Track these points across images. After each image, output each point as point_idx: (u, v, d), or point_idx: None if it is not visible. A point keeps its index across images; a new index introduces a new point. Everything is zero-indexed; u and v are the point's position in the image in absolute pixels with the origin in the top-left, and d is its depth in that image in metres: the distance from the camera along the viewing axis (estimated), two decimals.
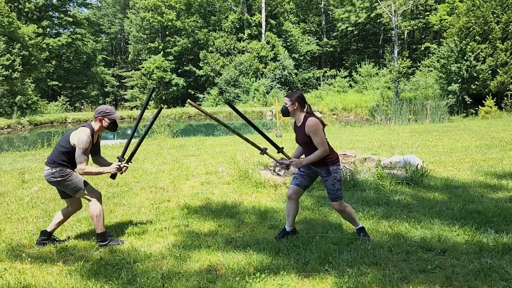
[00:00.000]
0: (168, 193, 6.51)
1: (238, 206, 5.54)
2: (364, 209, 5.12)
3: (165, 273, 3.60)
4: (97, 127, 4.22)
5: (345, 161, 8.11)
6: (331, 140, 11.92)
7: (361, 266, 3.57)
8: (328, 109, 28.71)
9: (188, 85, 40.06)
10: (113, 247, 4.24)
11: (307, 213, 5.15)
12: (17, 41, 26.08)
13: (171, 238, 4.48)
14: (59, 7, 39.14)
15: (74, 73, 39.53)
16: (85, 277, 3.60)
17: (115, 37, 55.46)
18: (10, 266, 3.87)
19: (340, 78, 36.04)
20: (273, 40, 37.71)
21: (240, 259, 3.83)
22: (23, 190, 6.97)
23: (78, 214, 5.43)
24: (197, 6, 41.33)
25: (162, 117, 15.82)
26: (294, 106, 3.99)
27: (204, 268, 3.72)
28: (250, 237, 4.40)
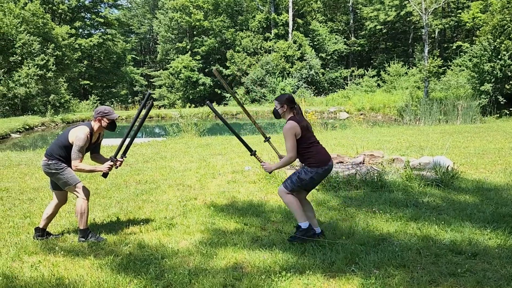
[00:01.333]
0: (195, 191, 6.60)
1: (264, 205, 5.56)
2: (392, 211, 5.05)
3: (192, 270, 3.66)
4: (97, 127, 4.37)
5: (372, 162, 8.02)
6: (358, 141, 11.81)
7: (388, 268, 3.53)
8: (356, 109, 28.38)
9: (214, 84, 40.38)
10: (142, 242, 4.34)
11: (333, 214, 5.12)
12: (51, 41, 26.94)
13: (197, 235, 4.55)
14: (91, 8, 40.22)
15: (104, 72, 40.55)
16: (115, 271, 3.70)
17: (144, 37, 56.53)
18: (44, 259, 4.02)
19: (368, 77, 35.53)
20: (300, 40, 37.53)
21: (266, 257, 3.85)
22: None
23: (108, 210, 5.60)
24: (224, 6, 41.61)
25: (189, 116, 16.01)
26: (283, 109, 4.10)
27: (230, 265, 3.75)
28: (276, 236, 4.41)
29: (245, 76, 37.30)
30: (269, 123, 26.21)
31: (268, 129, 22.18)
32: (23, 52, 24.89)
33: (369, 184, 6.06)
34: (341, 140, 11.96)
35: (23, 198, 6.38)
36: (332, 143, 11.24)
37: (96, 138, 4.51)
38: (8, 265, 3.87)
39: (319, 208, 5.35)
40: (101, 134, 4.60)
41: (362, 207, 5.24)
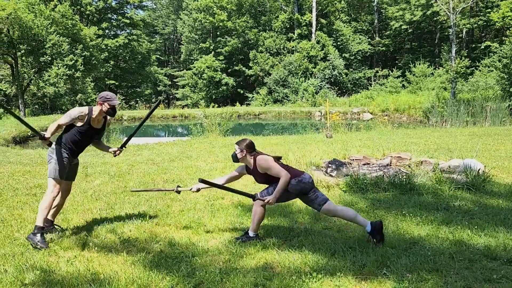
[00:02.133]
0: (221, 190, 6.64)
1: (291, 206, 5.57)
2: (422, 214, 4.97)
3: (223, 268, 3.70)
4: (98, 110, 4.43)
5: (400, 164, 7.91)
6: (383, 142, 11.66)
7: (421, 272, 3.48)
8: (379, 110, 28.00)
9: (237, 84, 40.56)
10: (173, 240, 4.41)
11: (362, 215, 5.06)
12: (80, 42, 27.61)
13: (226, 235, 4.59)
14: (117, 10, 41.02)
15: (129, 72, 41.27)
16: (147, 268, 3.78)
17: (168, 37, 57.23)
18: (79, 254, 4.13)
19: (393, 78, 35.03)
20: (323, 40, 37.31)
21: (296, 258, 3.86)
22: (86, 183, 7.38)
23: (138, 208, 5.71)
24: (247, 7, 41.74)
25: (213, 116, 16.14)
26: (242, 154, 4.28)
27: (260, 265, 3.78)
28: (305, 237, 4.41)
29: (267, 77, 37.32)
30: (291, 123, 26.17)
31: (290, 129, 22.14)
32: (53, 52, 25.58)
33: (397, 187, 5.99)
34: (366, 141, 11.84)
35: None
36: (357, 144, 11.14)
37: (102, 124, 4.59)
38: (45, 260, 4.00)
39: None
40: (107, 122, 4.68)
41: (391, 210, 5.19)
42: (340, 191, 6.20)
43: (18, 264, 3.90)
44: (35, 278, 3.61)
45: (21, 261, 3.97)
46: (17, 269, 3.77)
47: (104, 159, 9.86)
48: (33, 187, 7.09)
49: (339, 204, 5.55)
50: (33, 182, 7.43)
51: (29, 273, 3.69)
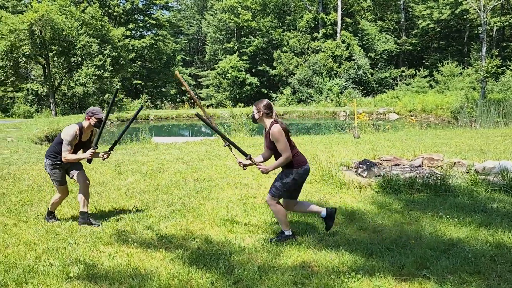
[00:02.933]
0: (252, 189, 6.70)
1: (324, 206, 5.54)
2: (459, 216, 4.89)
3: (261, 266, 3.74)
4: (87, 125, 4.90)
5: (432, 165, 7.78)
6: (412, 143, 11.50)
7: (462, 274, 3.44)
8: (406, 110, 27.53)
9: (261, 84, 40.61)
10: (209, 238, 4.49)
11: (396, 216, 5.03)
12: (108, 43, 28.23)
13: (261, 233, 4.63)
14: (143, 11, 41.73)
15: (155, 72, 41.90)
16: (186, 264, 3.85)
17: (193, 38, 57.79)
18: (119, 250, 4.25)
19: (420, 77, 34.37)
20: (349, 39, 36.96)
21: (333, 257, 3.86)
22: (119, 181, 7.56)
23: (172, 206, 5.81)
24: (272, 6, 41.73)
25: (239, 115, 16.22)
26: (259, 114, 4.28)
27: (297, 264, 3.80)
28: (340, 237, 4.41)
29: (291, 77, 37.24)
30: (315, 123, 26.06)
31: (314, 129, 22.06)
32: (83, 53, 26.24)
33: (432, 188, 5.90)
34: (394, 142, 11.69)
35: (91, 192, 6.69)
36: (386, 145, 11.01)
37: (89, 136, 5.07)
38: (87, 254, 4.14)
39: (381, 210, 5.29)
40: (93, 132, 5.11)
41: (427, 211, 5.12)
42: (373, 191, 6.16)
43: (62, 257, 4.05)
44: (80, 271, 3.73)
45: (64, 255, 4.11)
46: (62, 263, 3.91)
47: (134, 158, 10.06)
48: (69, 184, 7.28)
49: (372, 205, 5.53)
50: (69, 179, 7.64)
51: (73, 266, 3.83)
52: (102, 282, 3.53)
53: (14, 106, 28.28)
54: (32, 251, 4.23)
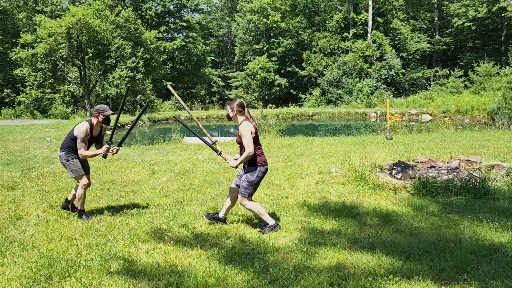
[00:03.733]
0: (284, 190, 6.71)
1: (358, 207, 5.51)
2: (500, 220, 4.74)
3: (296, 266, 3.74)
4: (95, 122, 5.23)
5: (469, 167, 7.56)
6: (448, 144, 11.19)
7: (505, 280, 3.33)
8: (440, 112, 26.81)
9: (290, 85, 40.53)
10: (243, 237, 4.53)
11: (433, 219, 4.92)
12: (141, 45, 28.85)
13: (295, 234, 4.63)
14: (175, 13, 42.43)
15: (185, 74, 42.55)
16: (222, 262, 3.90)
17: (223, 39, 58.29)
18: (156, 247, 4.35)
19: (454, 78, 33.41)
20: (380, 39, 36.37)
21: (369, 259, 3.82)
22: (154, 180, 7.72)
23: (205, 205, 5.89)
24: (301, 7, 41.59)
25: (269, 116, 16.23)
26: (233, 112, 4.66)
27: (332, 265, 3.78)
28: (376, 239, 4.35)
29: (321, 77, 36.97)
30: (344, 124, 25.76)
31: (343, 130, 21.82)
32: (117, 55, 26.93)
33: (470, 191, 5.74)
34: (429, 143, 11.42)
35: (127, 190, 6.93)
36: (420, 147, 10.77)
37: (98, 132, 5.40)
38: (126, 250, 4.25)
39: (418, 213, 5.18)
40: (103, 129, 5.46)
41: (466, 215, 4.98)
42: (408, 194, 6.04)
43: (102, 253, 4.18)
44: (119, 267, 3.84)
45: (104, 251, 4.25)
46: (102, 258, 4.03)
47: (167, 158, 10.25)
48: (105, 182, 7.52)
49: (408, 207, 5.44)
50: (105, 178, 7.88)
51: (113, 262, 3.94)
52: (141, 278, 3.62)
53: (51, 107, 29.32)
54: (74, 246, 4.39)
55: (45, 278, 3.63)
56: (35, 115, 28.80)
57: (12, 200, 6.21)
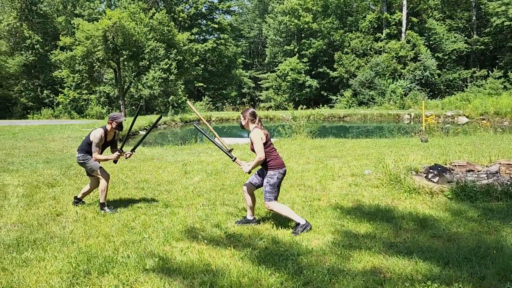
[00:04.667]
0: (317, 192, 6.65)
1: (393, 211, 5.39)
2: None
3: (330, 269, 3.70)
4: (109, 128, 5.68)
5: (510, 172, 7.26)
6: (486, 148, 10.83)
7: None
8: (477, 114, 25.90)
9: (321, 86, 40.20)
10: (276, 238, 4.52)
11: (473, 225, 4.76)
12: (174, 47, 29.37)
13: (328, 236, 4.58)
14: (206, 15, 42.94)
15: (216, 75, 42.96)
16: (255, 263, 3.90)
17: (253, 41, 58.49)
18: (190, 246, 4.40)
19: (493, 78, 32.21)
20: (414, 39, 35.53)
21: (405, 264, 3.73)
22: (186, 179, 7.83)
23: (238, 205, 5.92)
24: (333, 8, 41.19)
25: (301, 118, 16.14)
26: (245, 120, 4.90)
27: (368, 269, 3.71)
28: (412, 244, 4.24)
29: (353, 78, 36.48)
30: (377, 126, 25.32)
31: (376, 132, 21.44)
32: (151, 57, 27.52)
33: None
34: (466, 146, 11.06)
35: (160, 190, 7.05)
36: (457, 150, 10.44)
37: (112, 137, 5.82)
38: (161, 248, 4.33)
39: (456, 218, 5.02)
40: (116, 133, 5.87)
41: (508, 221, 4.78)
42: (445, 198, 5.87)
43: (138, 250, 4.27)
44: (155, 264, 3.91)
45: (140, 248, 4.34)
46: (138, 255, 4.12)
47: (199, 158, 10.37)
48: (140, 181, 7.69)
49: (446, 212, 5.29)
50: (140, 177, 8.06)
51: (148, 259, 4.02)
52: (176, 276, 3.67)
53: (88, 108, 30.30)
54: (111, 243, 4.50)
55: (84, 273, 3.74)
56: (72, 115, 29.85)
57: (53, 197, 6.44)
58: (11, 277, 3.69)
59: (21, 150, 11.36)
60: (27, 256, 4.14)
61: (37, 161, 9.63)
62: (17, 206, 5.93)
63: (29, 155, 10.54)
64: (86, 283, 3.58)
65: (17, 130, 17.38)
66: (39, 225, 5.10)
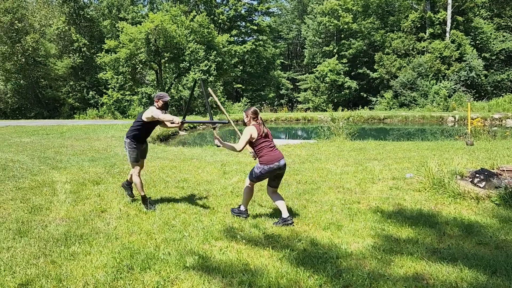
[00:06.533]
0: (356, 194, 6.55)
1: (436, 216, 5.22)
2: None
3: (370, 273, 3.64)
4: (157, 107, 5.72)
5: None
6: None
7: None
8: None
9: (360, 88, 39.52)
10: (314, 240, 4.49)
11: None
12: (213, 49, 29.80)
13: (368, 240, 4.50)
14: (246, 17, 43.24)
15: (255, 76, 43.16)
16: (293, 264, 3.90)
17: (292, 42, 58.32)
18: (229, 245, 4.45)
19: None
20: (459, 39, 34.22)
21: (450, 271, 3.61)
22: (225, 180, 7.92)
23: (273, 207, 5.92)
24: (374, 7, 40.40)
25: (339, 119, 15.95)
26: (247, 118, 5.20)
27: (409, 275, 3.62)
28: (457, 251, 4.10)
29: (394, 79, 35.60)
30: (418, 128, 24.57)
31: (418, 135, 20.80)
32: (191, 59, 28.06)
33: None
34: None
35: (200, 189, 7.17)
36: (505, 154, 9.96)
37: None
38: (200, 247, 4.40)
39: (504, 225, 4.80)
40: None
41: None
42: (493, 204, 5.62)
43: (178, 248, 4.37)
44: (195, 262, 3.99)
45: (180, 246, 4.43)
46: (178, 253, 4.21)
47: (238, 159, 10.45)
48: (180, 180, 7.85)
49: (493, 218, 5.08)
50: (180, 176, 8.22)
51: (188, 257, 4.10)
52: (215, 274, 3.73)
53: (130, 108, 31.25)
54: (153, 240, 4.63)
55: (127, 268, 3.87)
56: (115, 115, 30.88)
57: (97, 194, 6.70)
58: (59, 269, 3.87)
59: (68, 149, 11.89)
60: (74, 250, 4.33)
61: (83, 159, 10.05)
62: (65, 202, 6.21)
63: (76, 154, 11.01)
64: (130, 278, 3.70)
65: (65, 130, 18.19)
66: (85, 221, 5.32)
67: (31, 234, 4.82)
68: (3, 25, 31.78)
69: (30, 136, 15.51)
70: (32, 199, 6.41)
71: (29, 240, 4.62)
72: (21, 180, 7.69)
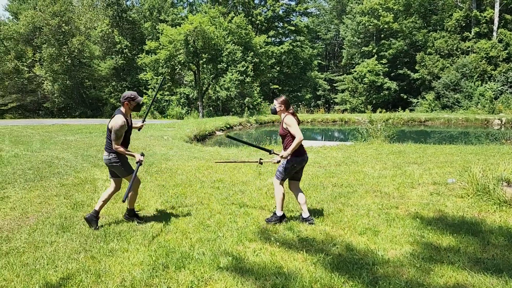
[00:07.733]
0: (394, 199, 6.36)
1: (480, 224, 4.99)
2: None
3: (408, 282, 3.52)
4: (125, 110, 5.03)
5: None
6: None
7: None
8: None
9: (400, 89, 38.49)
10: (350, 245, 4.40)
11: None
12: (251, 50, 29.94)
13: (406, 247, 4.36)
14: (283, 18, 43.16)
15: (292, 77, 42.99)
16: (328, 269, 3.83)
17: (330, 42, 57.68)
18: (262, 247, 4.43)
19: None
20: (507, 38, 32.62)
21: (494, 283, 3.43)
22: (260, 181, 7.91)
23: (311, 209, 5.86)
24: (417, 6, 39.24)
25: (378, 121, 15.58)
26: (281, 107, 5.06)
27: (450, 285, 3.47)
28: (502, 261, 3.89)
29: (436, 80, 34.43)
30: (462, 132, 23.62)
31: (461, 138, 19.96)
32: (228, 60, 28.32)
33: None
34: None
35: (235, 190, 7.20)
36: None
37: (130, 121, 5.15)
38: (234, 248, 4.41)
39: None
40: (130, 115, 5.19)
41: None
42: None
43: (212, 248, 4.40)
44: (228, 263, 4.00)
45: (214, 246, 4.46)
46: (213, 253, 4.24)
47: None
48: (215, 181, 7.91)
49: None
50: (216, 177, 8.29)
51: (222, 258, 4.12)
52: (248, 276, 3.72)
53: (169, 108, 31.94)
54: (188, 239, 4.69)
55: (163, 267, 3.93)
56: (154, 115, 31.64)
57: None
58: (98, 265, 3.99)
59: None
60: (113, 247, 4.45)
61: None
62: None
63: None
64: (165, 276, 3.76)
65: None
66: (124, 219, 5.45)
67: (73, 230, 5.00)
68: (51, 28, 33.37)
69: (74, 134, 16.15)
70: (74, 195, 6.66)
71: (71, 236, 4.80)
72: (65, 177, 8.02)
